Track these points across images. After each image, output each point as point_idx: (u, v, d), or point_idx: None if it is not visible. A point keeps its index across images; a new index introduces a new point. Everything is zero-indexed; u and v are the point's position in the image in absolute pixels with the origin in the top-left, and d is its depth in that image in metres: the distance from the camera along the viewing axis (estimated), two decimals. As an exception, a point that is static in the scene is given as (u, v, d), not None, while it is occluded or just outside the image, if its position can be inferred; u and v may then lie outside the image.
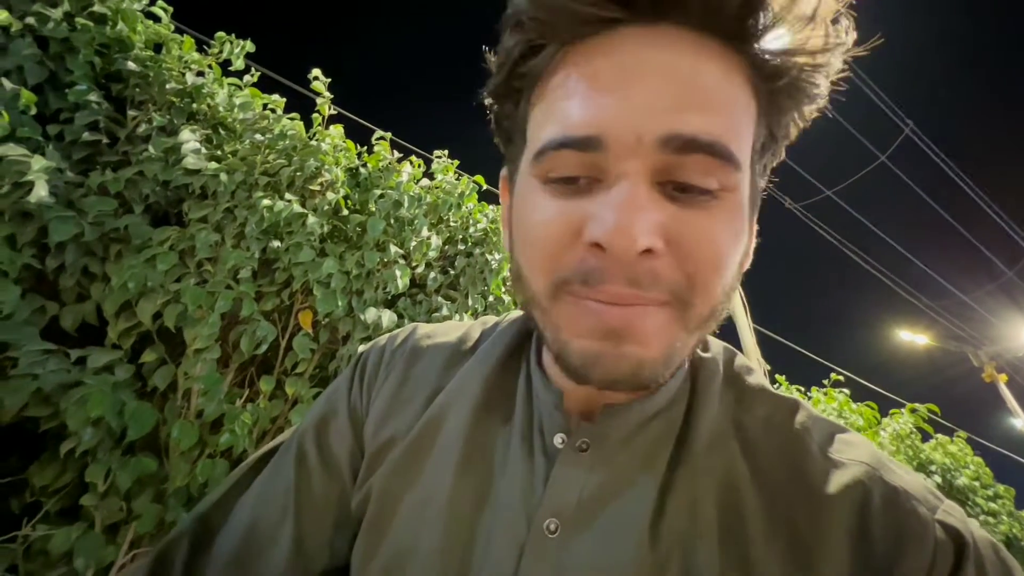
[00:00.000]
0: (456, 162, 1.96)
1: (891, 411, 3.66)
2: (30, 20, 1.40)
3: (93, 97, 1.47)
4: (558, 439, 0.41)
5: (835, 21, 0.34)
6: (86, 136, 1.43)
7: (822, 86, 0.35)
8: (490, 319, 0.55)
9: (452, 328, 0.54)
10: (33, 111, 1.32)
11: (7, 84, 1.26)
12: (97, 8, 1.58)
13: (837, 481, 0.36)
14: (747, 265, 0.41)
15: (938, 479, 3.42)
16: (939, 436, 3.98)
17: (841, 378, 3.55)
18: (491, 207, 2.05)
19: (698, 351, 0.45)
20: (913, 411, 3.61)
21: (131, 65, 1.62)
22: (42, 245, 1.22)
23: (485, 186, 1.97)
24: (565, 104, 0.33)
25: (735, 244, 0.34)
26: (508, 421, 0.44)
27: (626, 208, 0.30)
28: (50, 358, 1.11)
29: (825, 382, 3.64)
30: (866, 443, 0.40)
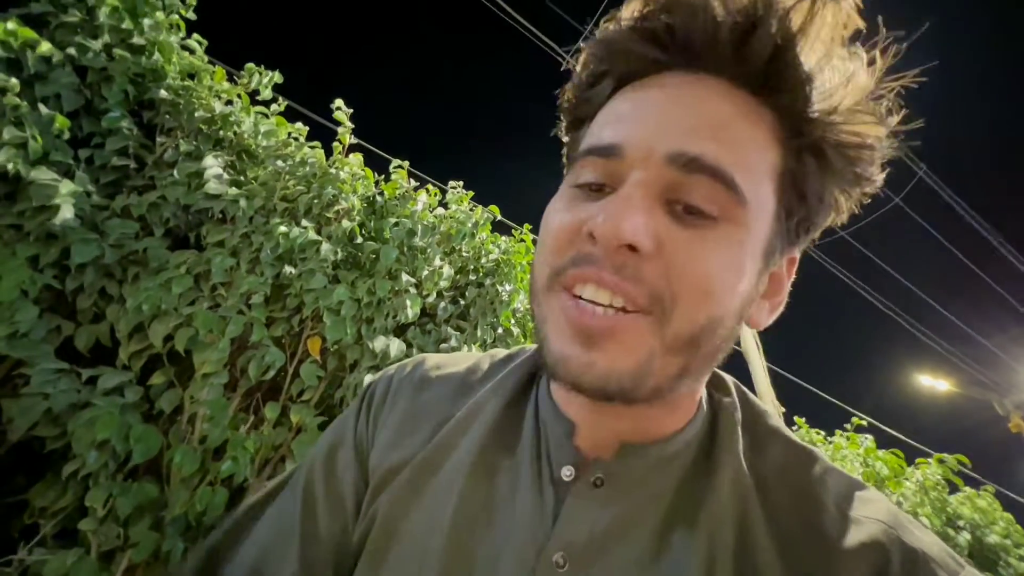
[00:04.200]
0: (471, 193, 1.98)
1: (917, 460, 3.49)
2: (71, 51, 1.47)
3: (125, 124, 1.53)
4: (566, 471, 0.40)
5: (879, 98, 0.35)
6: (115, 161, 1.48)
7: (858, 158, 0.36)
8: (500, 351, 0.55)
9: (461, 359, 0.54)
10: (67, 136, 1.37)
11: (44, 110, 1.31)
12: (136, 40, 1.66)
13: (854, 539, 0.35)
14: (761, 320, 0.41)
15: (967, 536, 3.22)
16: (967, 489, 3.78)
17: (864, 423, 3.41)
18: (504, 238, 2.06)
19: (718, 395, 0.45)
20: (941, 461, 3.44)
21: (163, 94, 1.69)
22: (63, 266, 1.25)
23: (499, 216, 1.98)
24: (601, 126, 0.38)
25: (729, 275, 0.34)
26: (516, 450, 0.43)
27: (619, 205, 0.33)
28: (62, 378, 1.12)
29: (847, 426, 3.50)
30: (882, 499, 0.38)
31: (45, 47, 1.35)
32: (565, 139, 0.47)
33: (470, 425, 0.45)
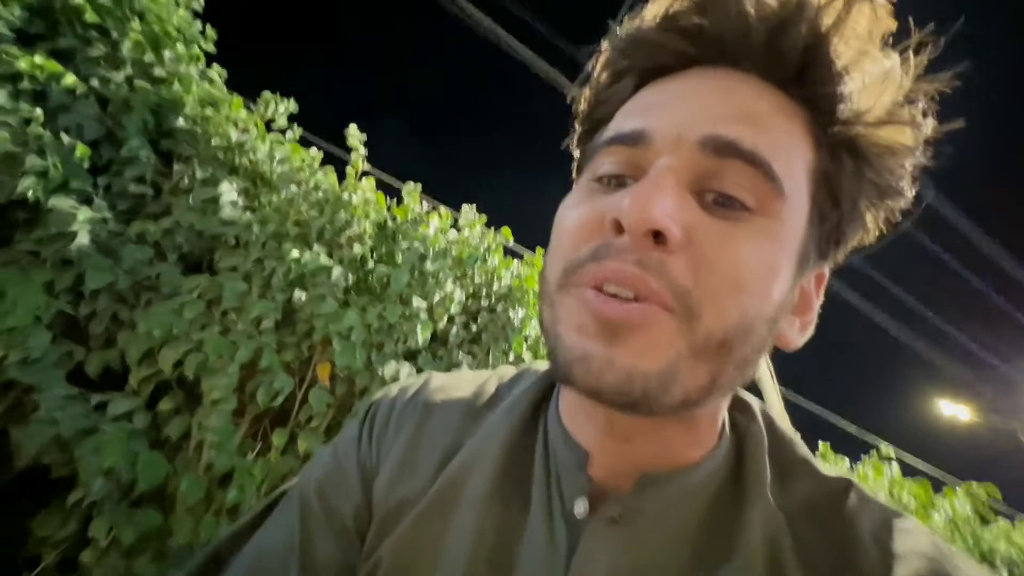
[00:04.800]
0: (484, 217, 1.99)
1: (944, 489, 3.33)
2: (94, 83, 1.52)
3: (143, 152, 1.56)
4: (579, 506, 0.36)
5: (911, 101, 0.33)
6: (133, 188, 1.51)
7: (891, 163, 0.34)
8: (507, 370, 0.51)
9: (466, 380, 0.50)
10: (87, 164, 1.40)
11: (66, 139, 1.35)
12: (157, 72, 1.72)
13: None
14: (792, 338, 0.37)
15: (1005, 573, 3.05)
16: (1001, 522, 3.60)
17: (891, 453, 3.28)
18: (516, 262, 2.05)
19: (743, 419, 0.41)
20: (970, 492, 3.29)
21: (181, 123, 1.73)
22: (77, 291, 1.26)
23: (511, 242, 1.98)
24: (625, 116, 0.36)
25: (764, 272, 0.31)
26: (527, 486, 0.40)
27: (648, 187, 0.30)
28: (71, 403, 1.12)
29: (873, 452, 3.37)
30: (924, 530, 0.35)
31: (70, 79, 1.40)
32: (576, 152, 0.44)
33: (478, 461, 0.42)
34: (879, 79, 0.33)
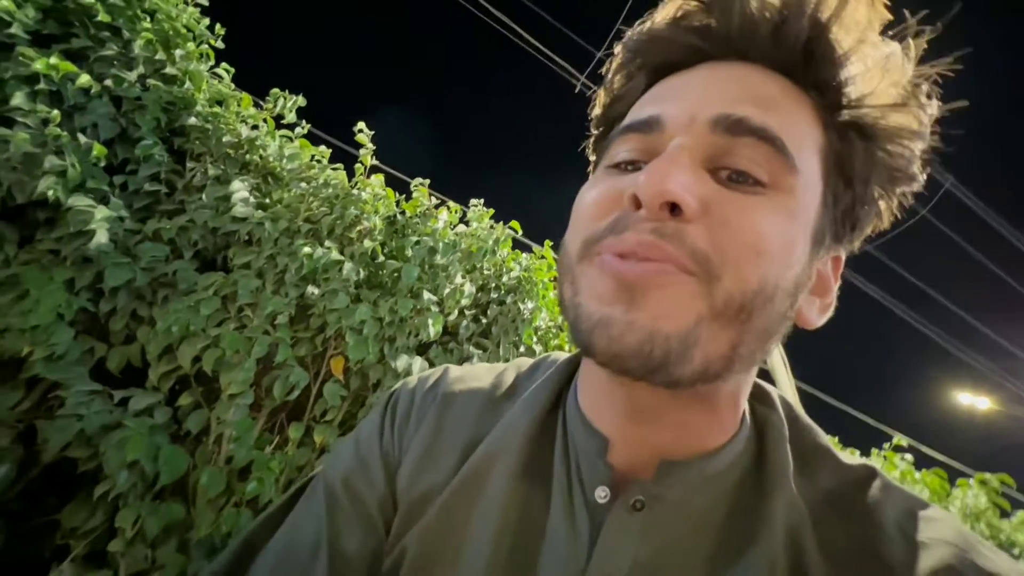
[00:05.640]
0: (491, 211, 1.99)
1: (958, 481, 3.30)
2: (108, 82, 1.54)
3: (157, 150, 1.59)
4: (600, 493, 0.37)
5: (916, 85, 0.34)
6: (148, 186, 1.53)
7: (898, 146, 0.35)
8: (525, 361, 0.52)
9: (485, 372, 0.51)
10: (103, 163, 1.42)
11: (82, 139, 1.37)
12: (168, 70, 1.73)
13: (923, 566, 0.31)
14: (812, 317, 0.38)
15: None
16: (1021, 513, 3.55)
17: (904, 443, 3.25)
18: (524, 255, 2.05)
19: (762, 408, 0.41)
20: (983, 482, 3.25)
21: (193, 120, 1.75)
22: (97, 289, 1.29)
23: (519, 234, 1.98)
24: (640, 107, 0.38)
25: (781, 242, 0.31)
26: (548, 476, 0.41)
27: (663, 163, 0.31)
28: (95, 399, 1.15)
29: (886, 445, 3.35)
30: (948, 518, 0.35)
31: (84, 79, 1.41)
32: (593, 156, 0.45)
33: (501, 452, 0.42)
34: (880, 64, 0.34)
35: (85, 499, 1.11)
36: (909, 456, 3.18)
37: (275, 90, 1.94)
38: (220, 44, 1.94)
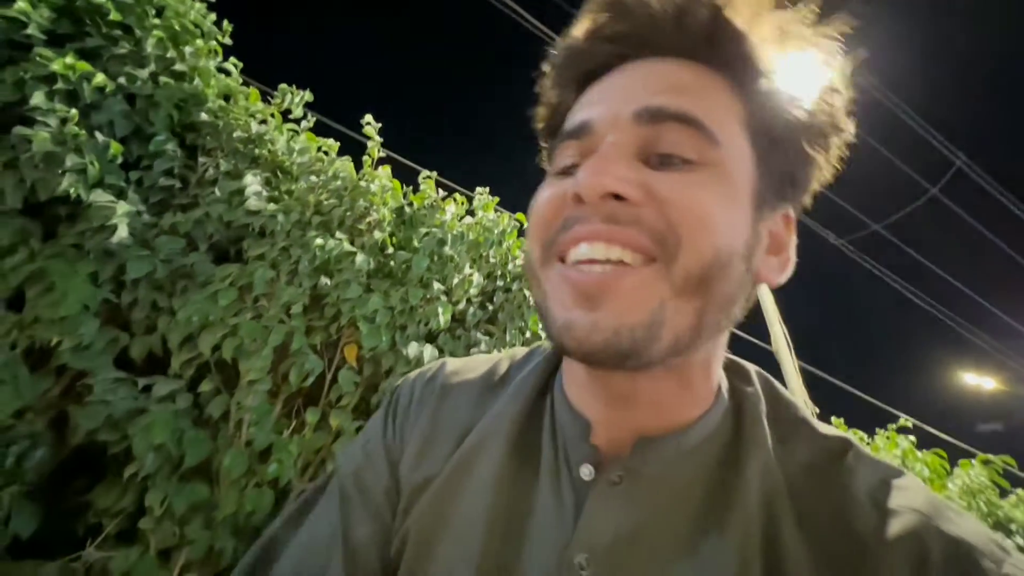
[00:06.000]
0: (496, 199, 2.02)
1: (960, 461, 3.34)
2: (122, 80, 1.58)
3: (170, 146, 1.63)
4: (585, 470, 0.39)
5: (819, 45, 0.38)
6: (162, 181, 1.57)
7: (820, 102, 0.38)
8: (519, 350, 0.55)
9: (480, 363, 0.54)
10: (120, 160, 1.47)
11: (100, 137, 1.41)
12: (178, 67, 1.77)
13: (890, 532, 0.33)
14: (772, 276, 0.40)
15: (1020, 540, 3.08)
16: (1019, 491, 3.60)
17: (909, 423, 3.28)
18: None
19: (740, 384, 0.43)
20: (986, 462, 3.29)
21: (204, 116, 1.78)
22: (119, 281, 1.34)
23: (526, 224, 2.01)
24: (572, 115, 0.41)
25: (723, 211, 0.34)
26: (537, 458, 0.43)
27: (596, 160, 0.34)
28: (120, 386, 1.20)
29: (891, 426, 3.38)
30: (919, 487, 0.37)
31: (100, 78, 1.45)
32: (547, 167, 0.47)
33: (491, 437, 0.45)
34: (778, 33, 0.37)
35: (114, 480, 1.17)
36: (912, 437, 3.21)
37: (283, 85, 1.98)
38: (228, 40, 1.98)
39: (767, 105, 0.38)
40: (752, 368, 0.46)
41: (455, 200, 1.85)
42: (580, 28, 0.41)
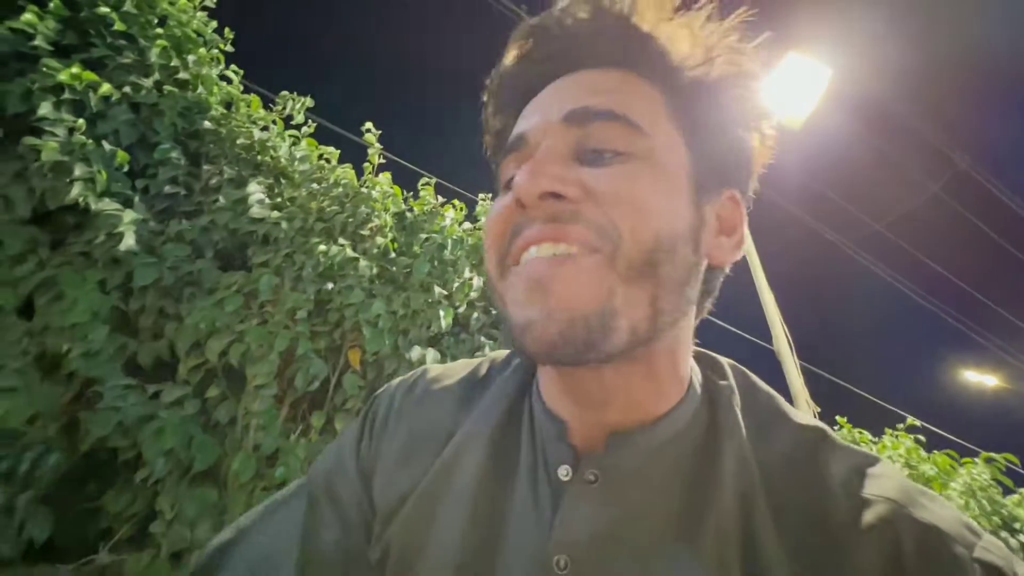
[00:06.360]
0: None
1: (963, 460, 3.33)
2: (127, 89, 1.60)
3: (174, 154, 1.65)
4: (562, 471, 0.39)
5: (725, 37, 0.41)
6: (167, 189, 1.60)
7: (732, 88, 0.41)
8: (501, 353, 0.54)
9: (461, 367, 0.54)
10: (126, 168, 1.49)
11: (106, 146, 1.43)
12: (182, 75, 1.79)
13: (863, 523, 0.33)
14: (724, 256, 0.42)
15: None
16: (1023, 490, 3.59)
17: (916, 422, 3.27)
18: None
19: (714, 378, 0.44)
20: (989, 460, 3.29)
21: (207, 124, 1.81)
22: (126, 288, 1.36)
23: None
24: (511, 132, 0.43)
25: (659, 197, 0.36)
26: (516, 460, 0.43)
27: (531, 165, 0.36)
28: (130, 392, 1.22)
29: (900, 425, 3.37)
30: (894, 475, 0.37)
31: (106, 88, 1.48)
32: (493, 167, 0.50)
33: (472, 441, 0.45)
34: (685, 31, 0.40)
35: (125, 485, 1.19)
36: (921, 437, 3.20)
37: (284, 92, 2.00)
38: (229, 48, 2.00)
39: (688, 96, 0.41)
40: (726, 361, 0.46)
41: (454, 206, 1.87)
42: (510, 56, 0.45)
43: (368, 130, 1.79)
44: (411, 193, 1.85)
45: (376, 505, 0.46)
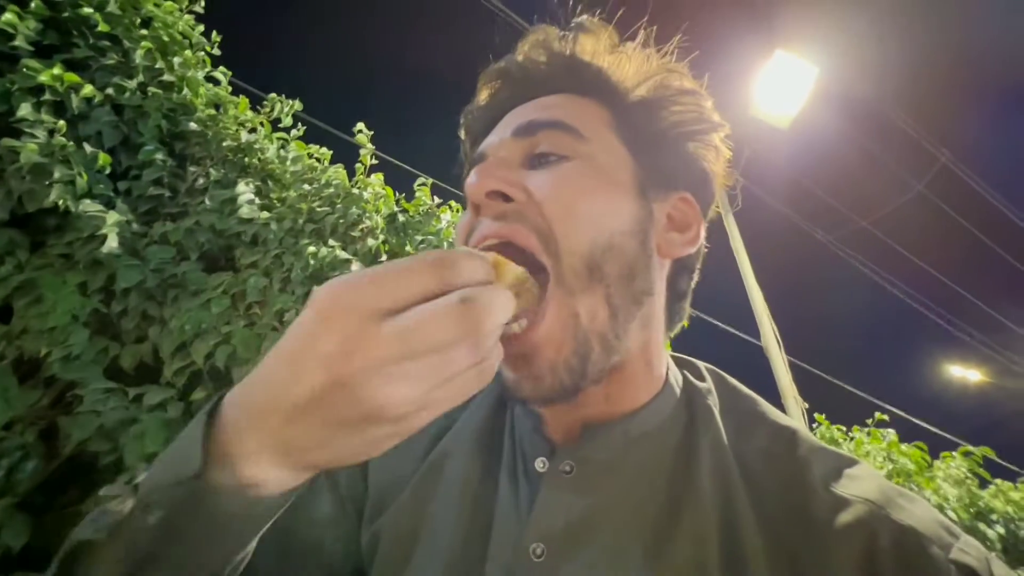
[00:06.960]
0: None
1: (942, 454, 3.42)
2: (110, 91, 1.57)
3: (159, 156, 1.62)
4: (539, 463, 0.41)
5: (661, 61, 0.47)
6: (151, 191, 1.57)
7: (673, 106, 0.45)
8: None
9: None
10: (108, 170, 1.46)
11: (88, 148, 1.41)
12: (167, 77, 1.77)
13: (841, 521, 0.34)
14: (674, 250, 0.45)
15: (1000, 530, 3.14)
16: (999, 482, 3.69)
17: (886, 418, 3.36)
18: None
19: (692, 379, 0.46)
20: (967, 454, 3.38)
21: (193, 126, 1.79)
22: (108, 291, 1.33)
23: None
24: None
25: (595, 197, 0.40)
26: (499, 456, 0.45)
27: (481, 168, 0.40)
28: (111, 396, 1.19)
29: (869, 421, 3.46)
30: (872, 476, 0.38)
31: (88, 89, 1.45)
32: None
33: (461, 436, 0.47)
34: (621, 59, 0.46)
35: (107, 492, 1.16)
36: (893, 431, 3.29)
37: (272, 95, 1.99)
38: (216, 51, 1.98)
39: (635, 113, 0.45)
40: (703, 365, 0.50)
41: (450, 208, 1.87)
42: (481, 96, 0.51)
43: (360, 131, 1.78)
44: (403, 195, 1.84)
45: (369, 491, 0.48)
